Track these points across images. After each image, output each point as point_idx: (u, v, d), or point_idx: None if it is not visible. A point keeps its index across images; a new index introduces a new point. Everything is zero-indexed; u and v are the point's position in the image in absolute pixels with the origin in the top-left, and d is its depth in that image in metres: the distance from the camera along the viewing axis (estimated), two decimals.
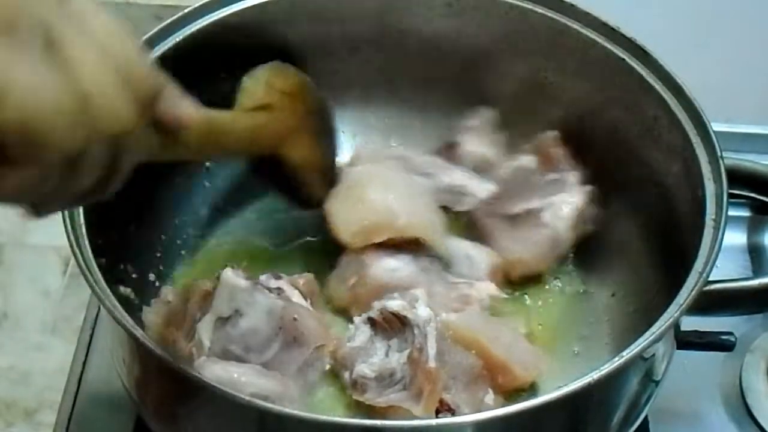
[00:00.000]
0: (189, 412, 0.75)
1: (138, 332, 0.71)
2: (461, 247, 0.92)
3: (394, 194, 0.89)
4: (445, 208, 0.94)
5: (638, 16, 0.94)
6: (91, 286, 0.73)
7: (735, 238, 1.03)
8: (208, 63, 0.92)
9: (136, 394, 0.80)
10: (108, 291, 0.74)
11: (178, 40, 0.90)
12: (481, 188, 0.95)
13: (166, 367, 0.70)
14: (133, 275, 0.89)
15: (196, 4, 0.92)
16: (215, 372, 0.78)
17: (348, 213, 0.90)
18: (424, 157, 0.98)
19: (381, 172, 0.93)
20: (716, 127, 0.84)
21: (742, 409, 0.92)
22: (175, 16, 0.90)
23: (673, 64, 0.88)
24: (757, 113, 1.17)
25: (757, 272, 1.02)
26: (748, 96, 1.25)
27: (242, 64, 0.89)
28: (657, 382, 0.79)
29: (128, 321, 0.72)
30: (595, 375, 0.68)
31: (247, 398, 0.68)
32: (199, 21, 0.91)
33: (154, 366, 0.75)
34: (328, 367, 0.84)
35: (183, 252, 0.95)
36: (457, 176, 0.96)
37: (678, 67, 0.88)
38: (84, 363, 0.94)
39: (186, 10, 0.91)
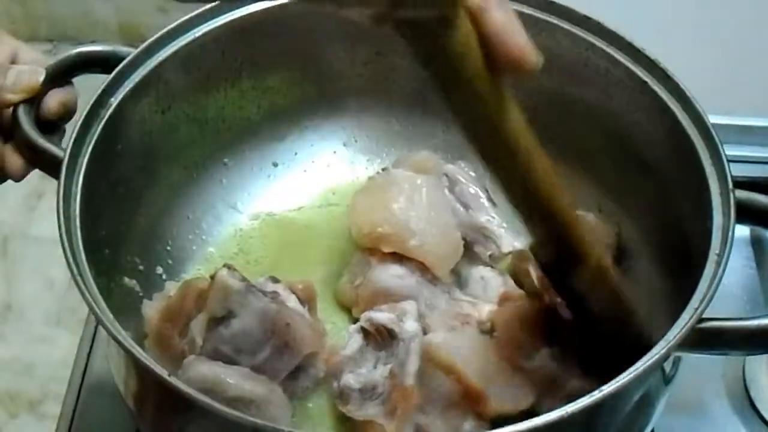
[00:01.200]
0: (178, 420, 0.74)
1: (127, 342, 0.70)
2: (478, 269, 0.91)
3: (418, 212, 0.88)
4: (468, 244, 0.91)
5: (638, 10, 0.94)
6: (81, 292, 0.72)
7: (739, 229, 1.02)
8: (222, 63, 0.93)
9: (132, 403, 0.79)
10: (98, 295, 0.73)
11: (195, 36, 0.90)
12: (509, 243, 0.91)
13: (149, 374, 0.69)
14: (140, 267, 0.89)
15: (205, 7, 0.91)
16: (201, 371, 0.77)
17: (367, 213, 0.89)
18: (473, 188, 0.93)
19: (418, 184, 0.90)
20: (716, 119, 0.83)
21: (746, 402, 0.92)
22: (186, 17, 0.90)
23: (671, 55, 0.87)
24: (757, 105, 1.17)
25: (760, 265, 1.02)
26: (748, 88, 1.25)
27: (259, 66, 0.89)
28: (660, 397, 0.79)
29: (119, 330, 0.71)
30: (569, 408, 0.66)
31: (235, 413, 0.66)
32: (209, 23, 0.91)
33: (143, 374, 0.74)
34: (322, 374, 0.84)
35: (194, 248, 0.95)
36: (492, 222, 0.92)
37: (678, 58, 0.87)
38: (88, 354, 0.94)
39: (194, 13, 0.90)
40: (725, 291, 0.75)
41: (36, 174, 0.84)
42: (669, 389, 0.79)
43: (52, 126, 0.84)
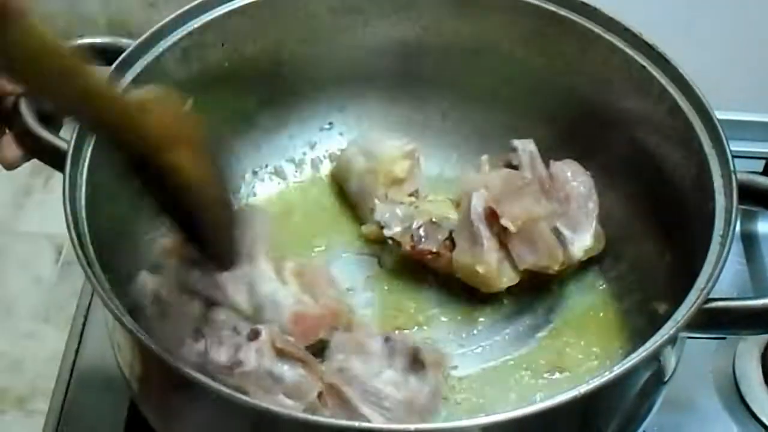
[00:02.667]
0: (183, 405, 0.74)
1: (134, 326, 0.70)
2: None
3: None
4: None
5: (638, 5, 0.94)
6: (92, 284, 0.72)
7: None
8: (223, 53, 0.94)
9: (135, 385, 0.79)
10: (103, 277, 0.73)
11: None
12: None
13: (158, 359, 0.69)
14: (147, 256, 0.88)
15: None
16: None
17: None
18: None
19: None
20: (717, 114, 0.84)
21: (736, 397, 0.92)
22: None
23: (674, 50, 0.88)
24: (755, 100, 1.17)
25: (750, 260, 1.02)
26: (747, 82, 1.25)
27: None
28: (665, 382, 0.79)
29: (130, 322, 0.71)
30: (582, 389, 0.67)
31: (240, 396, 0.67)
32: (209, 13, 0.92)
33: (148, 358, 0.74)
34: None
35: None
36: None
37: (679, 52, 0.88)
38: (76, 351, 0.94)
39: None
40: (716, 286, 0.75)
41: (24, 170, 0.83)
42: (668, 386, 0.80)
43: (52, 118, 0.83)
